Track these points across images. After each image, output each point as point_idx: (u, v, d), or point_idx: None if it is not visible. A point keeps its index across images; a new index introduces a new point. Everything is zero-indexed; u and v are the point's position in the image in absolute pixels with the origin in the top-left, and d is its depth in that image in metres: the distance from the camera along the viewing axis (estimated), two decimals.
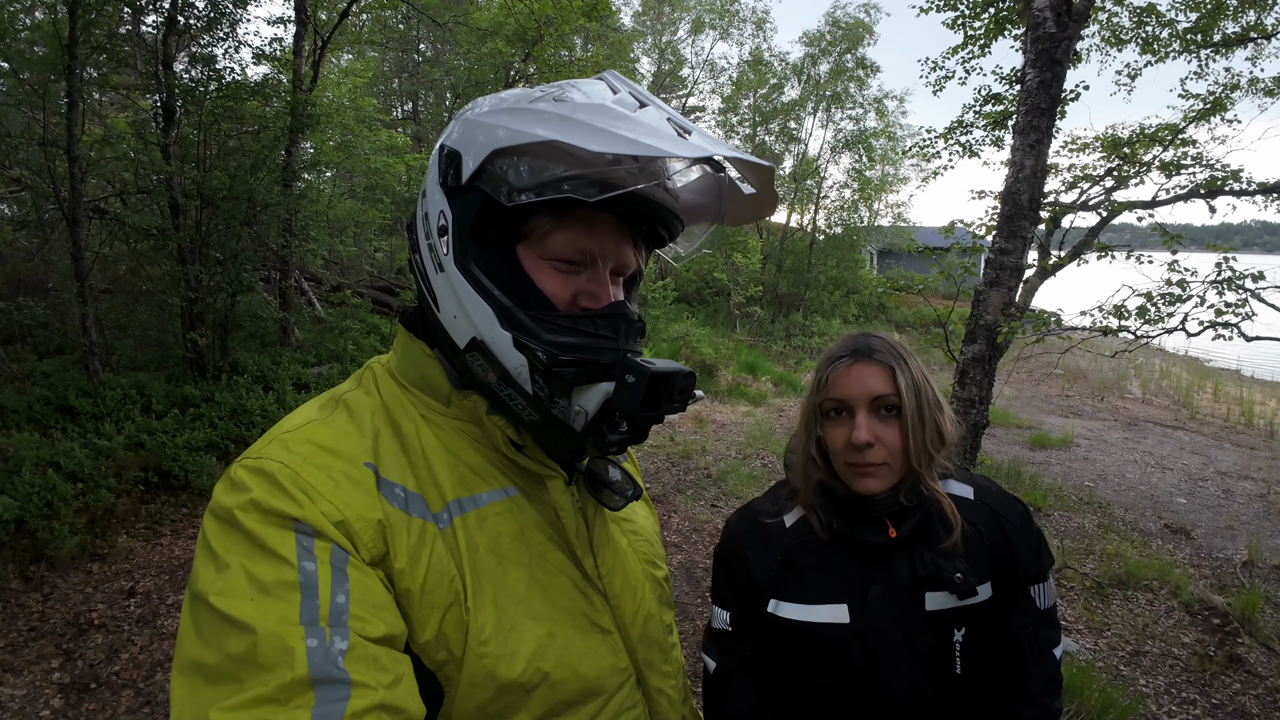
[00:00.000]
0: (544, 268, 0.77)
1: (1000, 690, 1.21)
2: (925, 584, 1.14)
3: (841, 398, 1.16)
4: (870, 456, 1.13)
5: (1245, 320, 4.08)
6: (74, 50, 6.23)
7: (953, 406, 4.14)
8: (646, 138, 0.67)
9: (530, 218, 0.76)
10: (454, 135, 0.78)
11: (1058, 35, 3.87)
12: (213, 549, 0.64)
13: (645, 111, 0.73)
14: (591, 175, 0.72)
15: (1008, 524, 1.20)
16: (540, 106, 0.72)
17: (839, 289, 19.48)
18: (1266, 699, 3.53)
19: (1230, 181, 5.74)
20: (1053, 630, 1.23)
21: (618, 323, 0.79)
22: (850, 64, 19.71)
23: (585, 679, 0.79)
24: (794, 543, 1.21)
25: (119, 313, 7.55)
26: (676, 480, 6.74)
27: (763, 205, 0.85)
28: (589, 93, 0.75)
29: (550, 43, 11.59)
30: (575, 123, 0.68)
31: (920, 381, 1.16)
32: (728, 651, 1.24)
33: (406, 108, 22.48)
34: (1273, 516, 6.15)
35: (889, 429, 1.14)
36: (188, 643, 0.60)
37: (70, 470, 5.07)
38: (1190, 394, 12.44)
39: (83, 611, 4.15)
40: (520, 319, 0.74)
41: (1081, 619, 4.25)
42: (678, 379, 0.77)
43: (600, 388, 0.75)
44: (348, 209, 11.05)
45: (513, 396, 0.76)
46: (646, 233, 0.84)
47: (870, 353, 1.16)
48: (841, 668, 1.16)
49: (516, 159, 0.73)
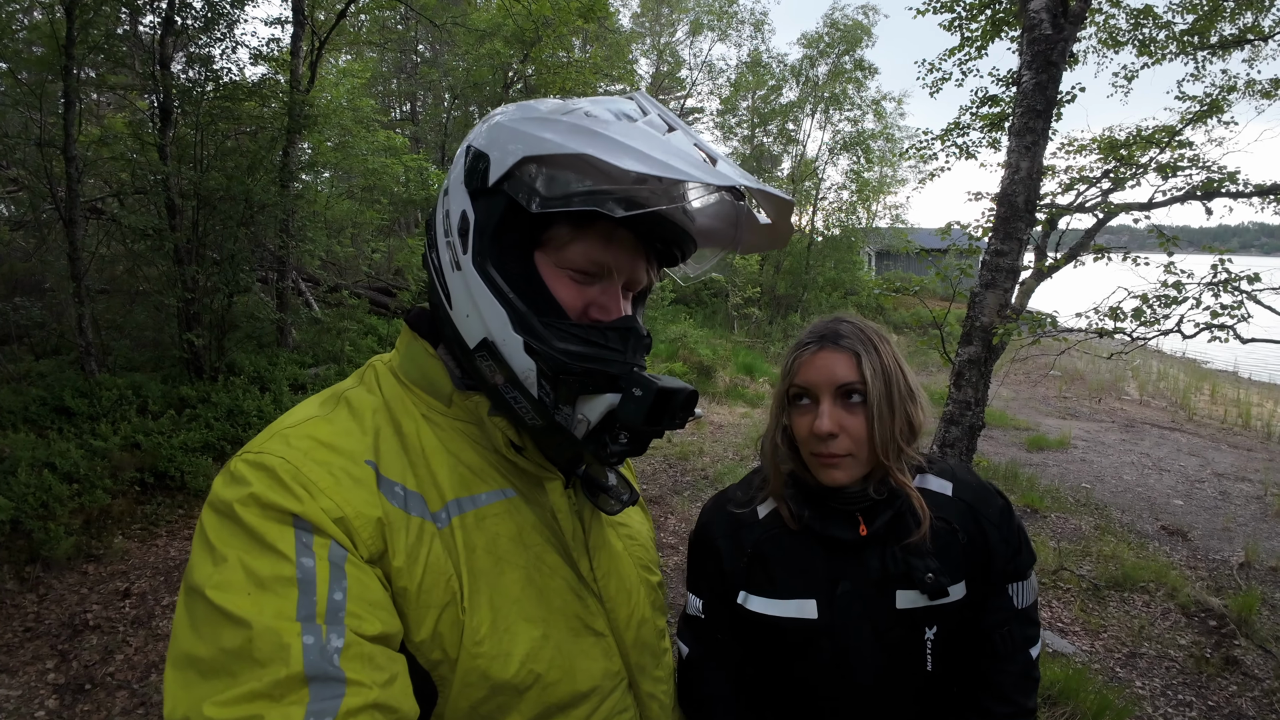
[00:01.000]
0: (560, 276, 0.78)
1: (974, 686, 1.19)
2: (896, 581, 1.12)
3: (805, 385, 1.13)
4: (834, 447, 1.10)
5: (1241, 322, 4.08)
6: (71, 50, 6.22)
7: (948, 408, 4.16)
8: (677, 161, 0.69)
9: (551, 226, 0.77)
10: (482, 137, 0.79)
11: (1054, 37, 3.87)
12: (210, 542, 0.64)
13: (674, 135, 0.75)
14: (619, 192, 0.73)
15: (986, 521, 1.17)
16: (573, 120, 0.73)
17: (837, 290, 19.51)
18: (1263, 701, 3.53)
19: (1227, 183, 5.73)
20: (1030, 628, 1.20)
21: (627, 336, 0.80)
22: (848, 65, 19.76)
23: (578, 682, 0.80)
24: (765, 535, 1.20)
25: (115, 313, 7.54)
26: (673, 481, 6.74)
27: (778, 236, 0.86)
28: (620, 111, 0.76)
29: (548, 44, 11.60)
30: (608, 140, 0.70)
31: (890, 368, 1.12)
32: (700, 638, 1.24)
33: (404, 108, 22.46)
34: (1270, 518, 6.16)
35: (854, 418, 1.10)
36: (183, 636, 0.60)
37: (66, 471, 5.06)
38: (1187, 396, 12.46)
39: (78, 612, 4.14)
40: (532, 324, 0.75)
41: (1078, 621, 4.26)
42: (680, 396, 0.78)
43: (605, 398, 0.76)
44: (345, 210, 11.03)
45: (518, 399, 0.77)
46: (660, 251, 0.86)
47: (837, 338, 1.13)
48: (809, 661, 1.15)
49: (546, 168, 0.74)
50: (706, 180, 0.70)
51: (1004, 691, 1.17)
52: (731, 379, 11.79)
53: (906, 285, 5.49)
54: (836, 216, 20.89)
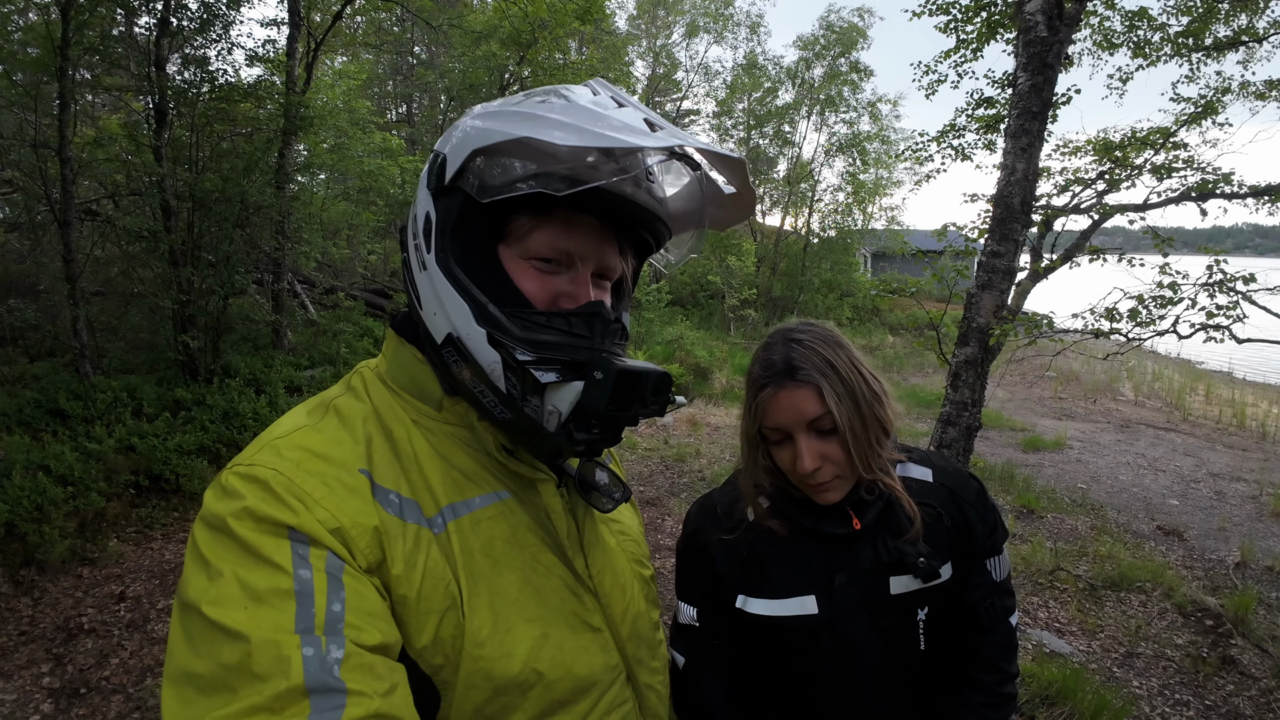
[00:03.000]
0: (524, 267, 0.77)
1: (959, 658, 1.24)
2: (889, 569, 1.15)
3: (776, 426, 1.12)
4: (820, 477, 1.11)
5: (1236, 322, 4.08)
6: (66, 52, 6.21)
7: (945, 409, 4.16)
8: (614, 131, 0.68)
9: (511, 218, 0.76)
10: (443, 140, 0.80)
11: (1049, 39, 3.88)
12: (204, 557, 0.63)
13: (622, 111, 0.75)
14: (560, 171, 0.72)
15: (965, 502, 1.22)
16: (522, 108, 0.73)
17: (833, 292, 19.56)
18: (1260, 700, 3.54)
19: (1222, 184, 5.76)
20: (1008, 598, 1.27)
21: (593, 322, 0.78)
22: (844, 68, 19.84)
23: (578, 677, 0.80)
24: (758, 535, 1.20)
25: (110, 315, 7.52)
26: (670, 483, 6.73)
27: (743, 204, 0.85)
28: (572, 96, 0.76)
29: (544, 46, 11.60)
30: (544, 119, 0.69)
31: (851, 382, 1.09)
32: (696, 646, 1.24)
33: (401, 110, 22.44)
34: (1265, 518, 6.18)
35: (831, 445, 1.10)
36: (178, 652, 0.59)
37: (61, 473, 5.04)
38: (1182, 396, 12.49)
39: (73, 616, 4.12)
40: (494, 315, 0.74)
41: (1075, 621, 4.26)
42: (649, 378, 0.77)
43: (573, 387, 0.74)
44: (341, 211, 11.03)
45: (485, 394, 0.76)
46: (633, 238, 0.85)
47: (793, 373, 1.09)
48: (810, 656, 1.17)
49: (491, 157, 0.74)
50: (644, 144, 0.69)
51: (991, 661, 1.23)
52: (728, 380, 11.79)
53: (903, 287, 5.50)
54: (832, 218, 20.94)
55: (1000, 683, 1.22)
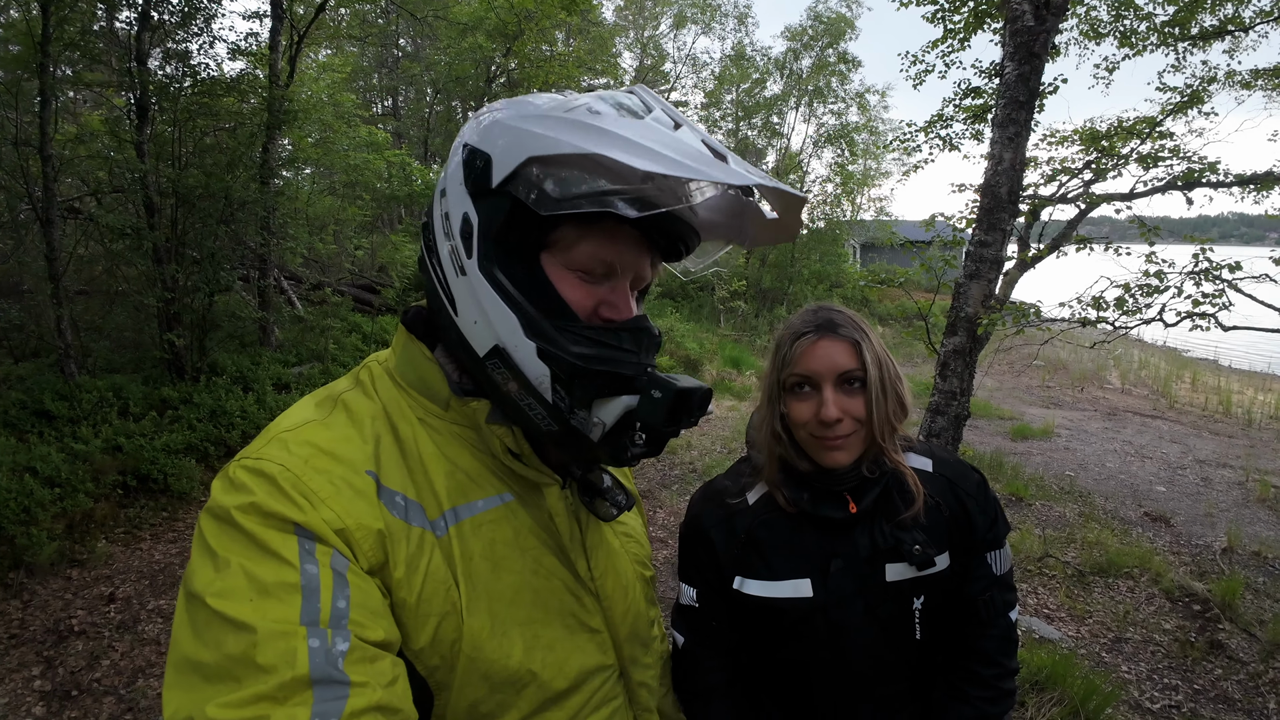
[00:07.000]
0: (568, 277, 0.76)
1: (958, 652, 1.25)
2: (885, 555, 1.17)
3: (807, 373, 1.16)
4: (841, 429, 1.15)
5: (1222, 310, 4.11)
6: (47, 47, 6.12)
7: (934, 399, 4.18)
8: (690, 160, 0.68)
9: (557, 227, 0.75)
10: (480, 134, 0.77)
11: (1036, 28, 3.89)
12: (211, 548, 0.64)
13: (682, 132, 0.73)
14: (630, 192, 0.71)
15: (965, 494, 1.23)
16: (577, 117, 0.71)
17: (822, 283, 19.56)
18: (1248, 684, 3.58)
19: (1207, 173, 5.78)
20: (1009, 593, 1.27)
21: (640, 337, 0.79)
22: (832, 58, 19.80)
23: (571, 677, 0.82)
24: (756, 520, 1.23)
25: (95, 314, 7.45)
26: (661, 475, 6.75)
27: (785, 231, 0.86)
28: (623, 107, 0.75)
29: (531, 37, 11.55)
30: (617, 138, 0.68)
31: (881, 354, 1.17)
32: (695, 627, 1.27)
33: (386, 103, 22.29)
34: (1251, 504, 6.25)
35: (854, 402, 1.15)
36: (184, 641, 0.60)
37: (47, 475, 4.99)
38: (1169, 384, 12.60)
39: (63, 618, 4.09)
40: (545, 328, 0.74)
41: (1064, 607, 4.30)
42: (697, 395, 0.78)
43: (621, 400, 0.75)
44: (327, 206, 10.96)
45: (532, 406, 0.75)
46: (664, 246, 0.85)
47: (835, 328, 1.17)
48: (805, 640, 1.19)
49: (553, 168, 0.72)
50: (722, 180, 0.69)
51: (989, 655, 1.24)
52: (718, 372, 11.80)
53: (891, 277, 5.53)
54: (821, 209, 20.93)
55: (999, 677, 1.23)
